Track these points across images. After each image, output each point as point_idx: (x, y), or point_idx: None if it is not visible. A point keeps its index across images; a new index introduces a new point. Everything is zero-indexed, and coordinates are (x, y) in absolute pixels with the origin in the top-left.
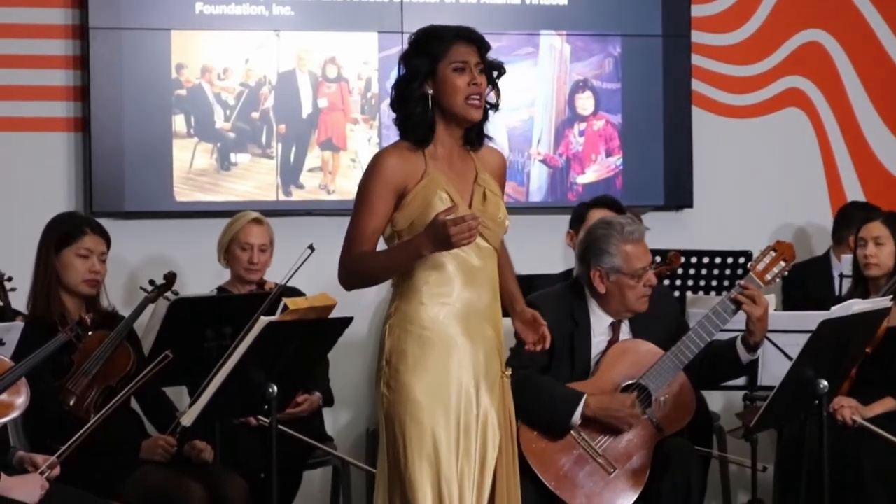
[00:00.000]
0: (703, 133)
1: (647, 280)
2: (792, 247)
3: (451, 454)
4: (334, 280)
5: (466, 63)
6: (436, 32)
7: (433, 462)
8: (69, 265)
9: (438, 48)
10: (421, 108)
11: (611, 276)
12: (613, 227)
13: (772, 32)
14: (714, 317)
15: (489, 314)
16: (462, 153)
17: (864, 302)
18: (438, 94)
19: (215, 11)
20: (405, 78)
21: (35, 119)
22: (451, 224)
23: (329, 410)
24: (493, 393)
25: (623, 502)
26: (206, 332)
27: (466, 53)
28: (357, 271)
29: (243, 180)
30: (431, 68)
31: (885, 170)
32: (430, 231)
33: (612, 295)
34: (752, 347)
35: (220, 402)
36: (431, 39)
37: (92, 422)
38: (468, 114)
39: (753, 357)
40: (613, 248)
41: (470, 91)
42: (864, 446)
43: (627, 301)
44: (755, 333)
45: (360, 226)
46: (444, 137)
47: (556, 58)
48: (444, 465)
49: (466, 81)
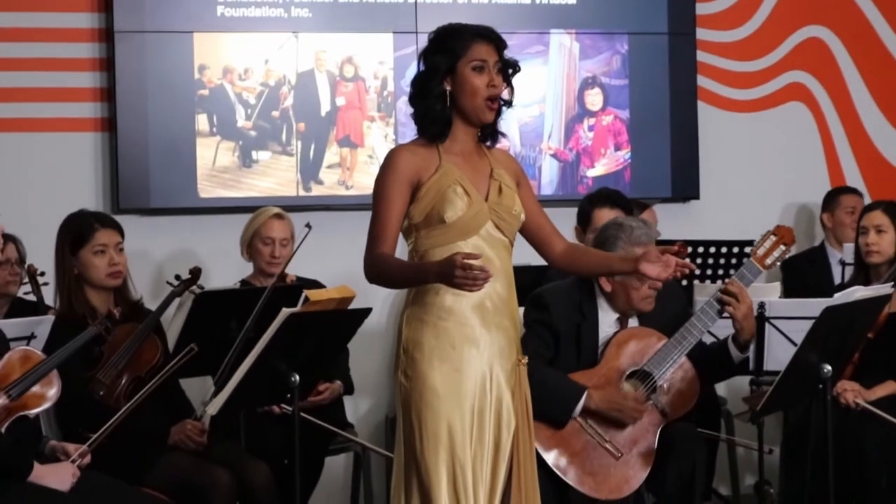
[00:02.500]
0: (708, 127)
1: (652, 283)
2: (791, 231)
3: (465, 440)
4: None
5: (485, 62)
6: (456, 31)
7: (448, 449)
8: (89, 264)
9: (458, 46)
10: (440, 104)
11: (616, 276)
12: (623, 229)
13: (774, 29)
14: (708, 309)
15: (504, 303)
16: (477, 149)
17: (865, 289)
18: (457, 91)
19: (236, 14)
20: (425, 74)
21: (63, 120)
22: (459, 267)
23: (349, 398)
24: (508, 379)
25: (631, 485)
26: (230, 324)
27: (485, 52)
28: (376, 272)
29: (264, 177)
30: (451, 66)
31: (885, 160)
32: (441, 263)
33: (617, 294)
34: (743, 346)
35: (244, 392)
36: (451, 38)
37: (122, 411)
38: (484, 116)
39: (744, 356)
40: (620, 250)
41: (489, 93)
42: (868, 429)
43: (632, 301)
44: (742, 332)
45: (380, 222)
46: (460, 133)
47: (566, 55)
48: (459, 451)
49: (485, 82)
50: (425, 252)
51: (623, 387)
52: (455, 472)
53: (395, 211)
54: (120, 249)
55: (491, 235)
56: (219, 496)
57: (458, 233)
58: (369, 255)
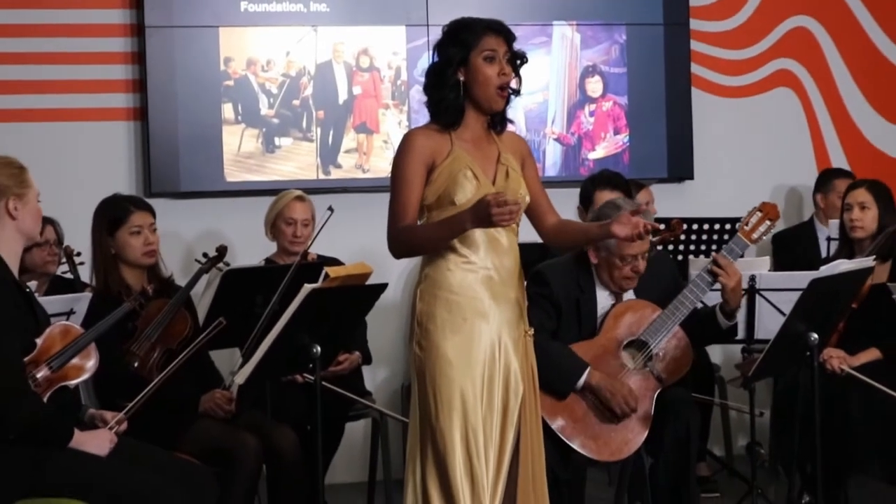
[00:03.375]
0: (701, 112)
1: (633, 266)
2: (776, 207)
3: (476, 406)
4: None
5: (495, 52)
6: (468, 24)
7: (461, 414)
8: (126, 244)
9: (470, 38)
10: (454, 93)
11: (601, 251)
12: (619, 209)
13: (763, 19)
14: (700, 280)
15: (511, 277)
16: (486, 136)
17: (850, 262)
18: (470, 81)
19: (259, 9)
20: (439, 65)
21: (98, 110)
22: (494, 204)
23: (367, 368)
24: (516, 349)
25: (630, 447)
26: (256, 299)
27: (496, 43)
28: (405, 243)
29: (286, 162)
30: (464, 57)
31: (867, 142)
32: (475, 208)
33: (601, 268)
34: (729, 315)
35: (269, 362)
36: (464, 30)
37: (155, 381)
38: (494, 104)
39: (731, 323)
40: None
41: (500, 81)
42: (852, 393)
43: (613, 277)
44: (729, 302)
45: (400, 200)
46: (471, 121)
47: (568, 46)
48: (471, 416)
49: (496, 71)
50: None
51: (621, 356)
52: (468, 435)
53: (414, 189)
54: (153, 230)
55: None
56: (247, 460)
57: None
58: (394, 229)
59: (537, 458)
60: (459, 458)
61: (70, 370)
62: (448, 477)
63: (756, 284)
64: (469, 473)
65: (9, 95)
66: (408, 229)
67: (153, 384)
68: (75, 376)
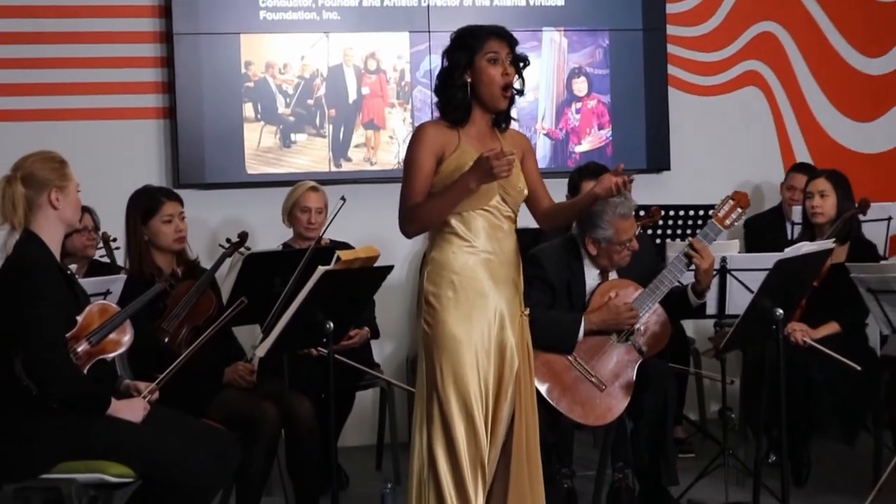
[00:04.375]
0: (677, 109)
1: (630, 246)
2: (746, 195)
3: (475, 376)
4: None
5: (498, 54)
6: (472, 31)
7: (463, 383)
8: (158, 232)
9: (475, 43)
10: (461, 93)
11: (602, 244)
12: (609, 204)
13: (733, 25)
14: (678, 262)
15: (510, 262)
16: (491, 133)
17: (811, 244)
18: (476, 82)
19: (276, 17)
20: (448, 69)
21: (131, 109)
22: (493, 158)
23: (376, 342)
24: (513, 326)
25: (613, 413)
26: (275, 280)
27: (498, 46)
28: (416, 219)
29: (301, 155)
30: (470, 60)
31: (827, 135)
32: (475, 167)
33: (601, 256)
34: (700, 294)
35: (287, 337)
36: (469, 36)
37: (184, 355)
38: (499, 102)
39: (701, 301)
40: (606, 223)
41: (503, 81)
42: (813, 362)
43: (613, 261)
44: (701, 282)
45: (411, 182)
46: (477, 119)
47: (556, 49)
48: (471, 385)
49: (500, 72)
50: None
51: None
52: (467, 402)
53: (425, 173)
54: (182, 218)
55: (497, 207)
56: (267, 426)
57: (471, 203)
58: (404, 208)
59: (531, 428)
60: (461, 422)
61: (107, 345)
62: (453, 439)
63: (727, 265)
64: (473, 436)
65: (52, 97)
66: (418, 205)
67: (182, 357)
68: (112, 350)
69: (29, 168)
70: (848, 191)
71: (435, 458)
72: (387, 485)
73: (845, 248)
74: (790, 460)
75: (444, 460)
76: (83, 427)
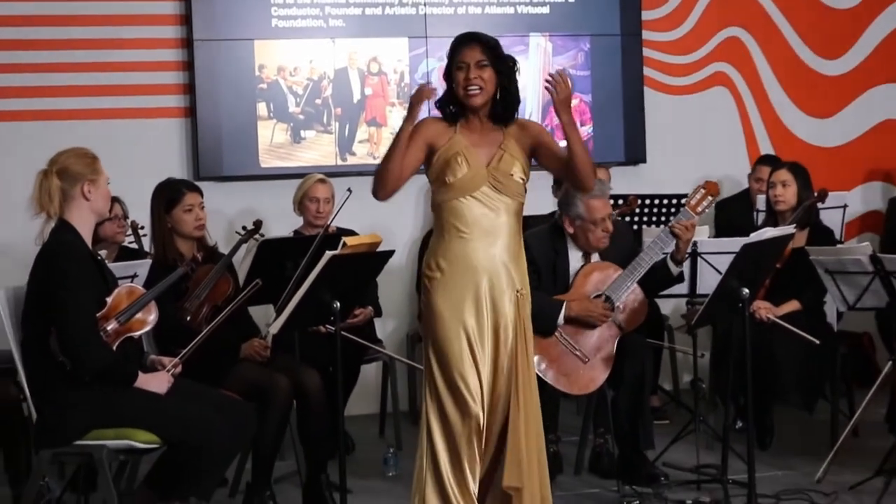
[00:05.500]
0: (652, 107)
1: (604, 227)
2: (716, 185)
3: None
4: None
5: (466, 63)
6: (452, 42)
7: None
8: (180, 220)
9: (450, 54)
10: (449, 95)
11: (576, 221)
12: None
13: (702, 30)
14: (659, 241)
15: (504, 245)
16: (491, 127)
17: (774, 230)
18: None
19: (286, 25)
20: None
21: (156, 109)
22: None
23: (378, 320)
24: (508, 304)
25: (595, 383)
26: (287, 264)
27: (467, 55)
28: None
29: (310, 150)
30: (449, 69)
31: (788, 130)
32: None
33: (578, 236)
34: (678, 262)
35: (298, 316)
36: (450, 47)
37: (204, 332)
38: (467, 101)
39: (680, 269)
40: (579, 201)
41: (464, 84)
42: (776, 337)
43: (589, 241)
44: (680, 251)
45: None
46: (471, 115)
47: (542, 53)
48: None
49: (463, 77)
50: (438, 204)
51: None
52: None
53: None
54: (202, 207)
55: (488, 195)
56: (280, 396)
57: (458, 191)
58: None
59: (531, 403)
60: (450, 395)
61: (134, 323)
62: (445, 412)
63: (698, 249)
64: (462, 408)
65: (84, 97)
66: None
67: (202, 334)
68: (139, 328)
69: (63, 163)
70: (808, 181)
71: (430, 429)
72: (389, 449)
73: (805, 234)
74: (755, 426)
75: (438, 431)
76: (113, 398)
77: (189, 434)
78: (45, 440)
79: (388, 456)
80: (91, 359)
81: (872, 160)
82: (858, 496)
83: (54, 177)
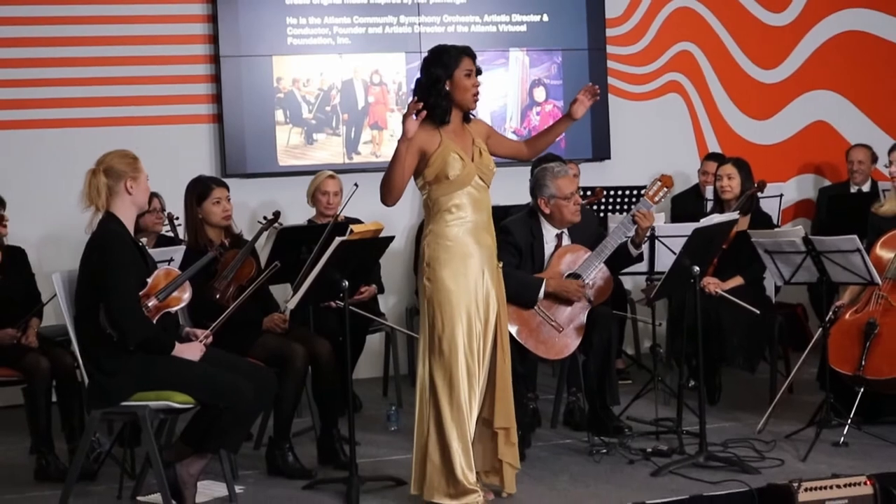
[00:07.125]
0: (616, 111)
1: (574, 200)
2: (671, 178)
3: (464, 318)
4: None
5: (471, 70)
6: (448, 50)
7: (462, 325)
8: (210, 211)
9: (452, 60)
10: (445, 101)
11: (550, 200)
12: (547, 169)
13: (658, 45)
14: (622, 226)
15: (486, 227)
16: (462, 127)
17: (721, 216)
18: (453, 90)
19: (300, 42)
20: (429, 81)
21: (188, 116)
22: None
23: (381, 296)
24: (492, 278)
25: (569, 349)
26: (302, 248)
27: (470, 64)
28: (384, 186)
29: (322, 151)
30: (449, 74)
31: (733, 131)
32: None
33: (553, 214)
34: (637, 245)
35: (312, 293)
36: (446, 54)
37: (231, 308)
38: (471, 105)
39: (639, 251)
40: (549, 182)
41: (475, 90)
42: (723, 308)
43: (564, 215)
44: (640, 236)
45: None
46: (454, 118)
47: (520, 65)
48: (460, 325)
49: (473, 83)
50: (436, 199)
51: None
52: (459, 338)
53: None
54: (228, 200)
55: (477, 184)
56: (296, 363)
57: (457, 185)
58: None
59: (507, 355)
60: (462, 357)
61: (171, 300)
62: (451, 371)
63: (656, 233)
64: (466, 367)
65: (126, 107)
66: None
67: (230, 310)
68: (175, 304)
69: (109, 162)
70: (749, 174)
71: (435, 386)
72: (391, 407)
73: (747, 219)
74: (705, 384)
75: (442, 383)
76: (154, 365)
77: (219, 396)
78: (95, 402)
79: (390, 413)
80: (134, 331)
81: (805, 156)
82: (794, 443)
83: (101, 175)
